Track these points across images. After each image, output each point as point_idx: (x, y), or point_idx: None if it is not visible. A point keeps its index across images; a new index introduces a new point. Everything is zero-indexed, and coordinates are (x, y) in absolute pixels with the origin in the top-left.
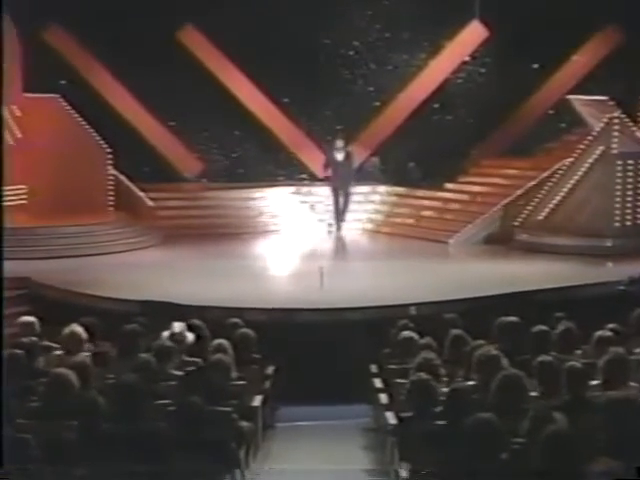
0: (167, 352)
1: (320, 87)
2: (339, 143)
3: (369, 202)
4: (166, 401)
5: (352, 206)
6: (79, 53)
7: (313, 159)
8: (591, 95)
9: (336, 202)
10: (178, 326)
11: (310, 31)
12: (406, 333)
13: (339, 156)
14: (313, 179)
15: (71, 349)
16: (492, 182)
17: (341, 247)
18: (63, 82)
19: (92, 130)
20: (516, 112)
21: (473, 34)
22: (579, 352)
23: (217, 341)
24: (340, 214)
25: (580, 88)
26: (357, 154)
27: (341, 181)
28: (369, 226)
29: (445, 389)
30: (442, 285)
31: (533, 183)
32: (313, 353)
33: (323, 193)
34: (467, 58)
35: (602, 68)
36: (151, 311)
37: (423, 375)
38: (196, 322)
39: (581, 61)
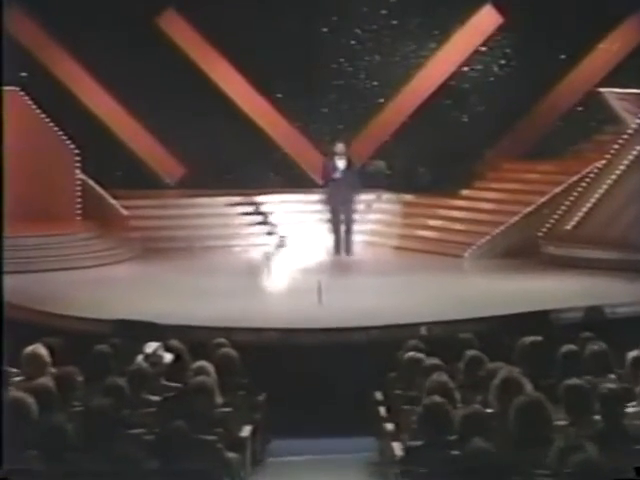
0: (141, 375)
1: (317, 81)
2: (340, 148)
3: (373, 211)
4: (141, 430)
5: (354, 215)
6: (42, 40)
7: (310, 162)
8: (626, 88)
9: (335, 228)
10: (154, 347)
11: (305, 17)
12: (413, 354)
13: (340, 164)
14: (310, 185)
15: (32, 373)
16: (513, 188)
17: (342, 261)
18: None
19: (57, 128)
20: (539, 108)
21: (485, 21)
22: (612, 376)
23: (198, 363)
24: (344, 244)
25: (611, 80)
26: (359, 159)
27: (342, 197)
28: (373, 238)
29: (460, 415)
30: (456, 303)
31: (560, 189)
32: (310, 379)
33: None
34: (483, 48)
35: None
36: (124, 331)
37: (437, 398)
38: (174, 343)
39: (611, 50)
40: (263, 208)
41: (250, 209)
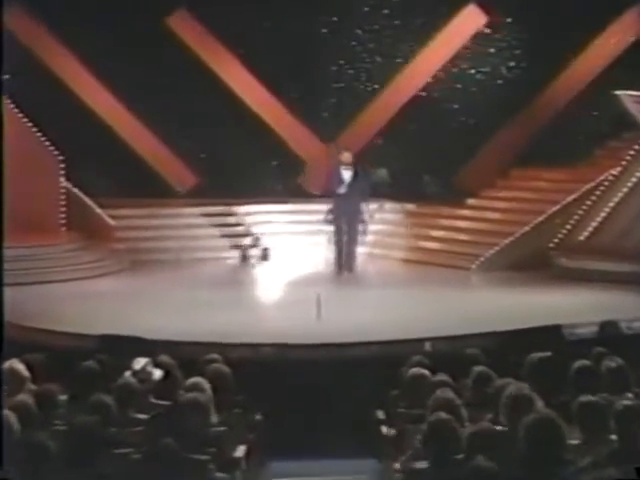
0: (129, 392)
1: (316, 84)
2: (346, 157)
3: (375, 222)
4: (128, 449)
5: (359, 231)
6: (49, 43)
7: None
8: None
9: (339, 244)
10: (142, 363)
11: (303, 17)
12: (417, 370)
13: (346, 175)
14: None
15: (10, 389)
16: (523, 197)
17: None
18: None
19: (40, 133)
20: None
21: (468, 21)
22: (630, 395)
23: (193, 379)
24: (346, 260)
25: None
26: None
27: (347, 213)
28: (375, 250)
29: (468, 433)
30: (462, 317)
31: (572, 198)
32: (308, 397)
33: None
34: (492, 50)
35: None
36: (111, 347)
37: (443, 415)
38: (165, 358)
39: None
40: (258, 218)
41: (243, 219)
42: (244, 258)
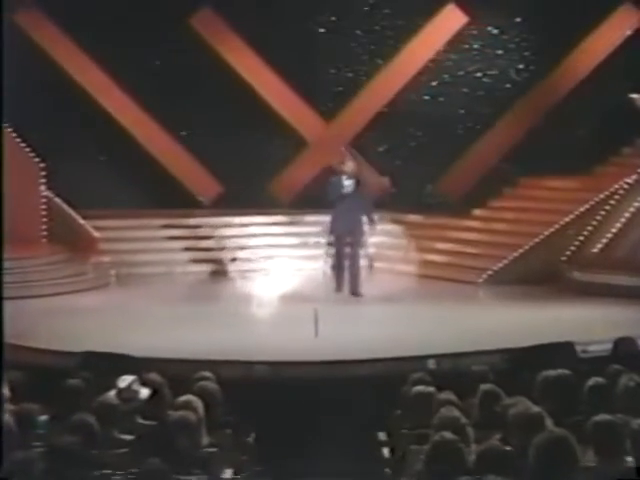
0: (112, 412)
1: (314, 86)
2: (348, 166)
3: (376, 233)
4: (112, 471)
5: (362, 247)
6: (68, 47)
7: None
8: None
9: (339, 260)
10: (128, 381)
11: (300, 17)
12: (422, 388)
13: (347, 185)
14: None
15: None
16: (532, 207)
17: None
18: None
19: (20, 139)
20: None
21: (449, 20)
22: None
23: (184, 397)
24: (350, 281)
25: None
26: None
27: (348, 224)
28: (376, 263)
29: (474, 453)
30: (469, 334)
31: (585, 207)
32: (305, 417)
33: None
34: (500, 51)
35: None
36: (94, 365)
37: (448, 434)
38: (152, 377)
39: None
40: (253, 230)
41: (238, 231)
42: (222, 272)
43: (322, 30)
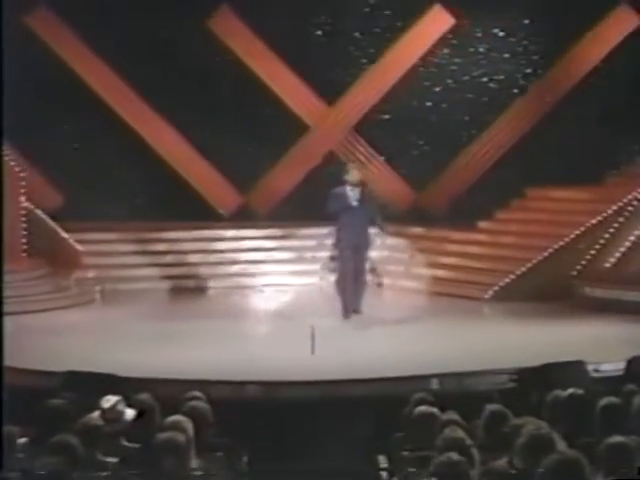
0: (96, 433)
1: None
2: (354, 175)
3: (378, 247)
4: None
5: (368, 263)
6: (82, 53)
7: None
8: None
9: (344, 281)
10: (113, 401)
11: (296, 17)
12: (425, 408)
13: (352, 196)
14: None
15: None
16: (541, 219)
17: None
18: None
19: None
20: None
21: (435, 23)
22: None
23: (173, 418)
24: (353, 298)
25: None
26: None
27: (354, 240)
28: (377, 278)
29: (480, 474)
30: (475, 352)
31: (597, 219)
32: (300, 440)
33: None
34: (507, 55)
35: None
36: (79, 385)
37: (452, 455)
38: (139, 397)
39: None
40: (247, 244)
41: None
42: (213, 288)
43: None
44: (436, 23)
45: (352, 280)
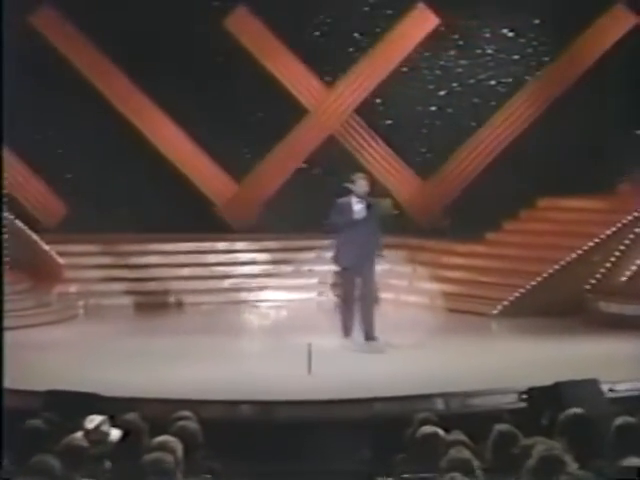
0: (78, 454)
1: None
2: (361, 184)
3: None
4: None
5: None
6: (94, 57)
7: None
8: None
9: (347, 298)
10: (97, 421)
11: (295, 18)
12: (429, 429)
13: (357, 210)
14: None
15: None
16: (552, 230)
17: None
18: None
19: None
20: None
21: (418, 23)
22: None
23: (161, 438)
24: (362, 321)
25: None
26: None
27: (359, 258)
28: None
29: None
30: (482, 371)
31: (611, 230)
32: (297, 462)
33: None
34: (515, 57)
35: None
36: (61, 405)
37: (458, 477)
38: (127, 417)
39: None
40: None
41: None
42: (202, 303)
43: None
44: (421, 22)
45: (354, 303)
